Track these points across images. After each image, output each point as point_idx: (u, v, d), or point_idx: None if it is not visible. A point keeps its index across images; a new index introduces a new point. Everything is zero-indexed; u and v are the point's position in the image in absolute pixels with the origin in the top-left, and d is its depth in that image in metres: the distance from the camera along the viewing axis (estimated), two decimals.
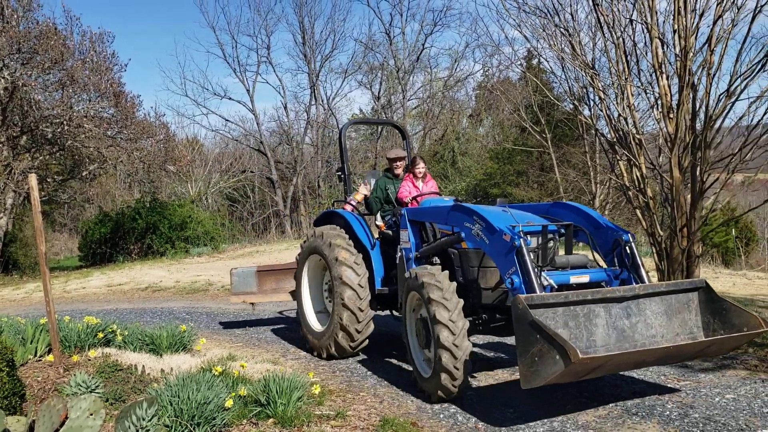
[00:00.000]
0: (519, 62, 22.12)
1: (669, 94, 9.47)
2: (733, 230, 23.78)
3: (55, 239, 36.11)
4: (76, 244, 31.31)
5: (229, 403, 4.93)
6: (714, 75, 9.04)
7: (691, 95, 9.21)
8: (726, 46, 9.04)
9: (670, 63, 9.52)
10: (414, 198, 7.67)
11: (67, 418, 3.41)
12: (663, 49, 9.45)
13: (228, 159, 38.66)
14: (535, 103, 22.86)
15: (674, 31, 9.20)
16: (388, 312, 8.12)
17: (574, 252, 6.06)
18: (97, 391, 5.17)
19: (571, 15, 10.64)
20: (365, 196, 8.39)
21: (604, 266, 6.01)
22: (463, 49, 42.44)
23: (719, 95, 9.04)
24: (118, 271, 19.50)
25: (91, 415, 3.44)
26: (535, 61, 25.80)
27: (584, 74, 10.52)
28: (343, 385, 6.44)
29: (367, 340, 7.40)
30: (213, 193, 35.95)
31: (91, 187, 28.20)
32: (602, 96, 10.42)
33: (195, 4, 71.72)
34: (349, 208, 8.21)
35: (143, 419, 3.83)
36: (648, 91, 9.96)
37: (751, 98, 9.23)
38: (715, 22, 8.92)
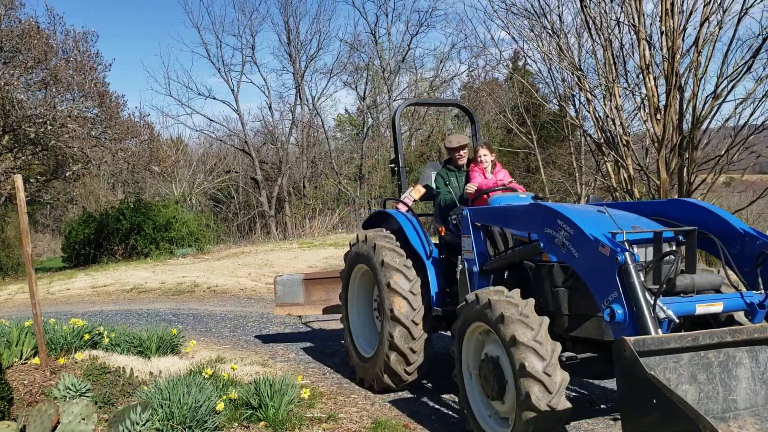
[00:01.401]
0: (505, 63, 22.21)
1: (656, 96, 9.54)
2: None
3: (38, 240, 35.72)
4: (59, 245, 31.00)
5: (220, 406, 4.88)
6: (701, 77, 9.13)
7: (678, 96, 9.29)
8: (713, 48, 9.15)
9: (657, 64, 9.61)
10: (483, 193, 6.29)
11: (59, 422, 3.36)
12: (650, 50, 9.53)
13: (212, 159, 38.44)
14: (521, 104, 22.94)
15: (661, 33, 9.28)
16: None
17: (699, 268, 4.54)
18: (86, 394, 5.10)
19: (559, 16, 10.72)
20: (426, 191, 6.99)
21: (743, 289, 4.40)
22: (448, 49, 42.49)
23: (706, 97, 9.17)
24: (103, 273, 19.32)
25: (84, 419, 3.39)
26: (521, 63, 25.89)
27: (571, 75, 10.58)
28: (333, 387, 6.41)
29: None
30: (197, 193, 35.74)
31: (74, 188, 27.90)
32: (589, 97, 10.49)
33: (179, 4, 71.35)
34: (403, 208, 6.90)
35: (137, 423, 3.78)
36: (635, 92, 10.03)
37: (737, 100, 9.35)
38: (702, 24, 9.01)
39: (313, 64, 39.06)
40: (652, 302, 3.81)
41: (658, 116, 9.40)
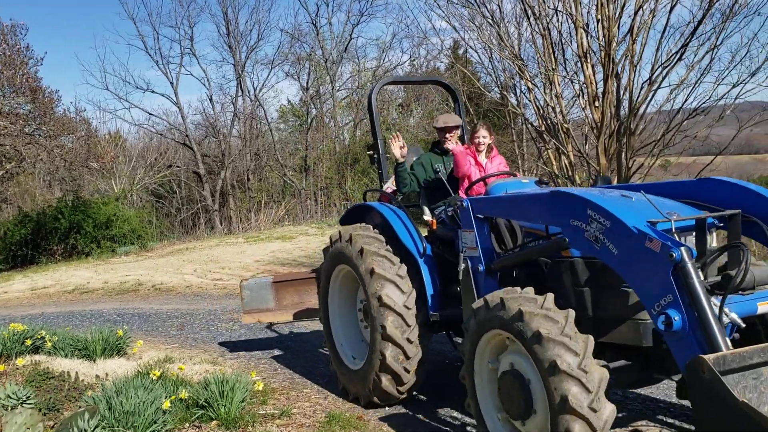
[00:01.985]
0: (446, 52, 22.34)
1: (594, 83, 9.76)
2: None
3: None
4: None
5: (166, 405, 4.79)
6: (636, 64, 9.38)
7: (615, 84, 9.53)
8: (647, 35, 9.40)
9: (594, 52, 9.81)
10: (477, 181, 5.59)
11: None
12: (587, 38, 9.72)
13: (153, 154, 37.57)
14: (464, 93, 23.13)
15: (598, 21, 9.49)
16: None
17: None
18: (29, 401, 4.94)
19: (498, 6, 10.82)
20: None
21: None
22: (390, 39, 42.62)
23: (642, 83, 9.41)
24: (42, 274, 18.72)
25: (29, 429, 3.29)
26: (462, 51, 26.09)
27: (512, 64, 10.72)
28: (286, 383, 6.38)
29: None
30: (138, 189, 34.92)
31: (8, 187, 26.94)
32: (530, 86, 10.66)
33: None
34: (391, 200, 6.14)
35: (85, 430, 3.69)
36: (574, 80, 10.25)
37: (671, 86, 9.64)
38: (636, 12, 9.25)
39: (253, 55, 38.60)
40: (717, 306, 3.33)
41: (597, 103, 9.63)
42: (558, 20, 10.02)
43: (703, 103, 9.65)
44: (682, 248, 3.28)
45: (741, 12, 9.12)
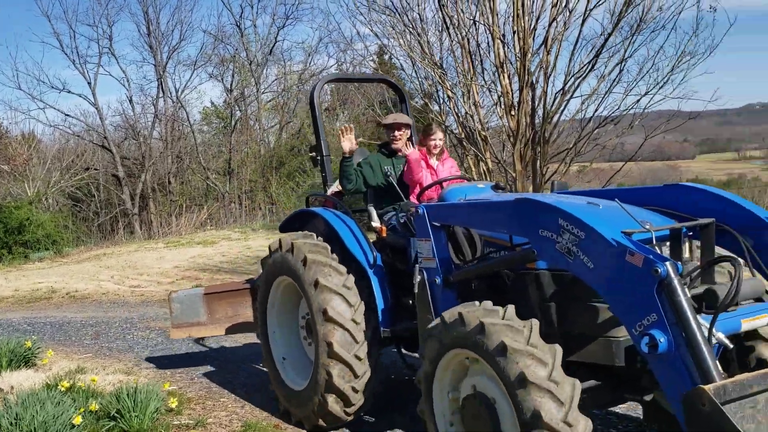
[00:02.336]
0: (371, 58, 22.48)
1: (510, 93, 10.04)
2: None
3: None
4: None
5: (77, 419, 4.67)
6: (550, 74, 9.71)
7: (530, 93, 9.83)
8: (560, 47, 9.74)
9: (511, 63, 10.09)
10: (430, 186, 5.26)
11: None
12: (504, 49, 10.00)
13: (69, 156, 36.20)
14: (389, 98, 23.32)
15: (514, 32, 9.76)
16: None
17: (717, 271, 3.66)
18: None
19: (419, 15, 10.99)
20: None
21: None
22: (316, 43, 42.37)
23: (555, 93, 9.74)
24: None
25: None
26: (387, 57, 26.31)
27: (433, 72, 10.91)
28: (202, 392, 6.30)
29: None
30: (54, 192, 33.58)
31: None
32: (450, 94, 10.88)
33: None
34: (336, 205, 5.74)
35: None
36: (492, 89, 10.51)
37: (583, 96, 10.04)
38: (550, 24, 9.58)
39: (175, 56, 37.49)
40: (706, 326, 3.01)
41: (513, 112, 9.91)
42: (476, 31, 10.27)
43: (613, 112, 10.10)
44: (668, 263, 3.00)
45: (648, 26, 9.59)
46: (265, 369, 5.82)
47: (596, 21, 25.90)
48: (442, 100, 11.58)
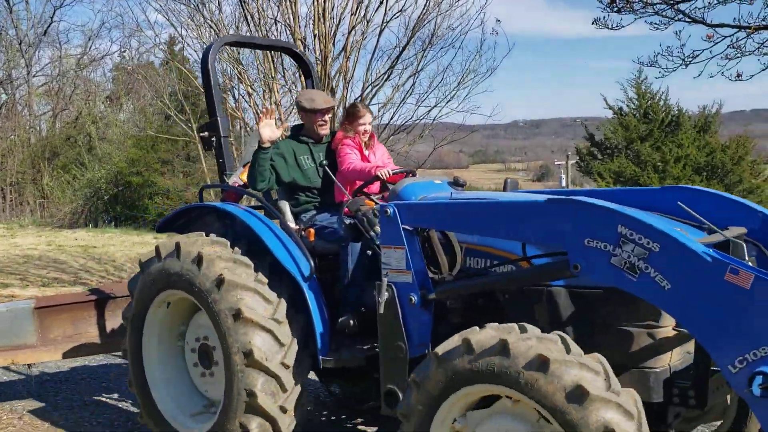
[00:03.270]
0: (161, 47, 21.50)
1: None
2: None
3: None
4: None
5: None
6: (349, 80, 9.99)
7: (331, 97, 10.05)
8: (358, 55, 10.06)
9: (312, 66, 10.22)
10: (371, 182, 4.41)
11: None
12: (306, 51, 10.09)
13: None
14: (180, 91, 22.43)
15: (315, 36, 9.89)
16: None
17: None
18: None
19: (218, 7, 10.72)
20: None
21: None
22: (98, 26, 39.57)
23: (354, 99, 10.02)
24: None
25: None
26: (178, 48, 25.31)
27: (233, 67, 10.72)
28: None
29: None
30: None
31: None
32: (250, 90, 10.76)
33: None
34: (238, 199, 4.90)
35: None
36: (292, 89, 10.54)
37: (380, 104, 10.48)
38: (349, 32, 9.84)
39: None
40: None
41: None
42: (277, 30, 10.25)
43: (407, 121, 10.66)
44: None
45: (438, 43, 10.27)
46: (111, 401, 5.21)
47: (392, 33, 27.13)
48: (239, 95, 11.42)
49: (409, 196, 4.03)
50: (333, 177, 4.50)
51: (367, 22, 10.01)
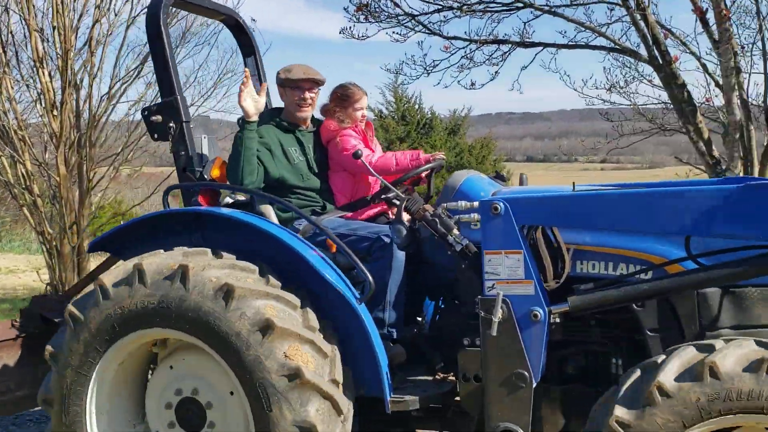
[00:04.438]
0: None
1: (52, 91, 9.47)
2: None
3: None
4: None
5: None
6: (96, 76, 9.47)
7: (74, 94, 9.43)
8: (105, 49, 9.59)
9: (52, 59, 9.52)
10: (396, 179, 3.64)
11: None
12: (44, 44, 9.39)
13: None
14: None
15: (54, 28, 9.26)
16: None
17: None
18: None
19: None
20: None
21: None
22: None
23: (102, 96, 9.55)
24: None
25: None
26: None
27: None
28: None
29: None
30: None
31: None
32: None
33: None
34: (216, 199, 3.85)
35: None
36: (30, 85, 9.77)
37: (131, 101, 10.08)
38: (93, 25, 9.36)
39: None
40: None
41: (55, 112, 9.37)
42: (9, 19, 9.42)
43: None
44: None
45: (192, 40, 10.12)
46: None
47: (140, 30, 26.11)
48: None
49: (477, 192, 3.43)
50: (373, 172, 3.50)
51: (115, 15, 9.58)
